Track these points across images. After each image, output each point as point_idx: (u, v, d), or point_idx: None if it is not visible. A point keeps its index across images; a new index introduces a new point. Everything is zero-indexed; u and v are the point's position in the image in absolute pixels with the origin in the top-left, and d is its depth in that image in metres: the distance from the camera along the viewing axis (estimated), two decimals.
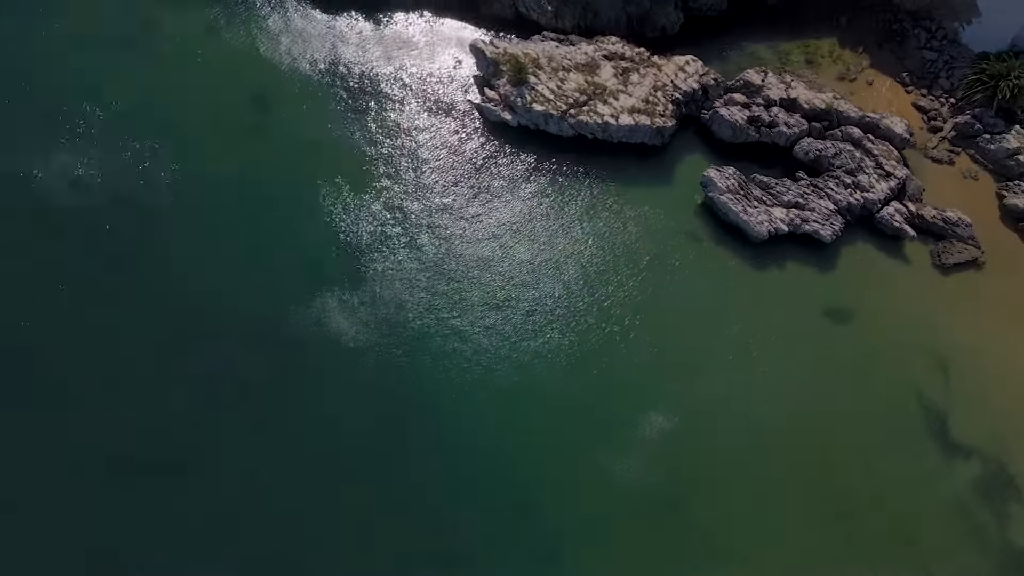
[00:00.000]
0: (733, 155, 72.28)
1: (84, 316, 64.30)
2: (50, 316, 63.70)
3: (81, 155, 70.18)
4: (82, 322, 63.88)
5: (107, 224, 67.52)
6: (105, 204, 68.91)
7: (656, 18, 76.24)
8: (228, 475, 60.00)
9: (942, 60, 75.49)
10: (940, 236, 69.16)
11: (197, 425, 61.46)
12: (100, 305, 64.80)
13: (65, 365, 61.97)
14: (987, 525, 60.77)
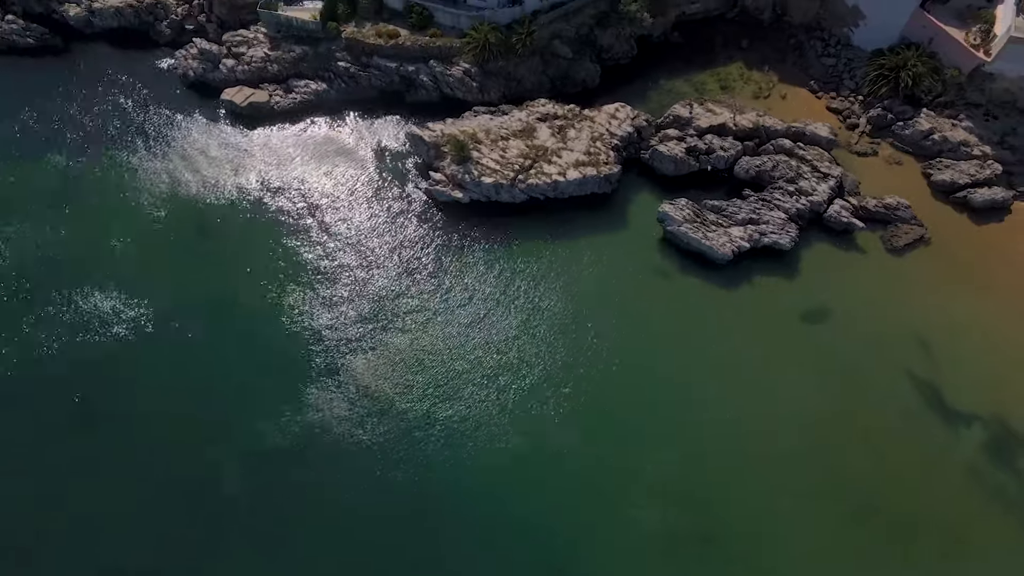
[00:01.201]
0: (679, 187, 75.02)
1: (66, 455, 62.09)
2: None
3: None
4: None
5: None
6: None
7: (576, 74, 79.44)
8: None
9: (841, 64, 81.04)
10: (885, 222, 73.01)
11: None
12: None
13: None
14: (1006, 484, 62.96)
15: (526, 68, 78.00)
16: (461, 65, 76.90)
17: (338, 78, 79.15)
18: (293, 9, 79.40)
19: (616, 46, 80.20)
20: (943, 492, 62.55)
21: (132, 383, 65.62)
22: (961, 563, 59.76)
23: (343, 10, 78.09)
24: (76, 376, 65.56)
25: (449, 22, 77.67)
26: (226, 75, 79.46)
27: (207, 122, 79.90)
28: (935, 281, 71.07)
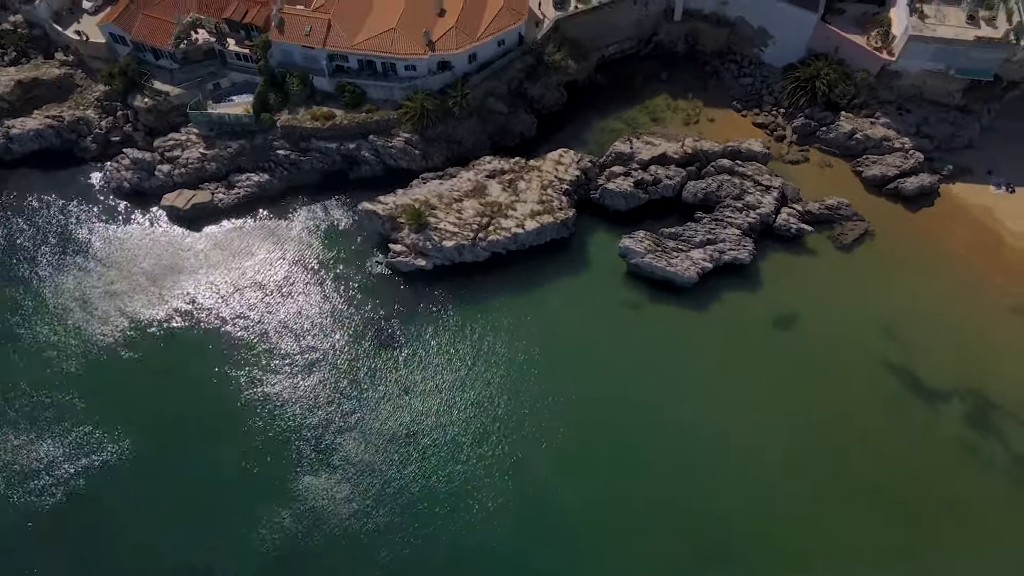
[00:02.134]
0: (633, 220, 76.90)
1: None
2: None
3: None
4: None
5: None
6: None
7: (513, 127, 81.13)
8: None
9: (759, 82, 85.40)
10: (830, 222, 76.49)
11: None
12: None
13: None
14: (993, 451, 65.71)
15: (465, 129, 79.25)
16: (401, 135, 77.57)
17: (279, 166, 78.58)
18: (223, 106, 78.76)
19: (547, 95, 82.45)
20: (942, 470, 64.87)
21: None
22: (971, 531, 62.10)
23: (275, 99, 77.91)
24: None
25: (382, 95, 78.45)
26: (163, 180, 77.88)
27: (150, 230, 77.93)
28: (887, 270, 74.55)
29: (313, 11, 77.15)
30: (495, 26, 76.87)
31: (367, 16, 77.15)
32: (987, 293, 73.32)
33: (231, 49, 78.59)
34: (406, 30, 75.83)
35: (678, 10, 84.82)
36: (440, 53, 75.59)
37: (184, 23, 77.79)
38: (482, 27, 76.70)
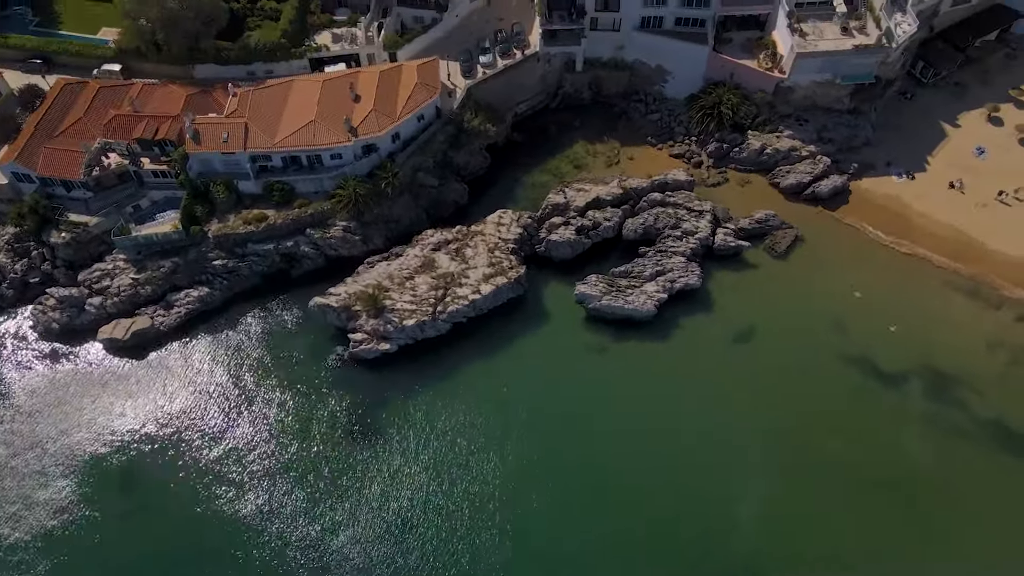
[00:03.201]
0: (580, 266, 78.63)
1: None
2: None
3: None
4: None
5: None
6: None
7: (446, 197, 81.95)
8: None
9: (666, 116, 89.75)
10: (763, 234, 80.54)
11: None
12: None
13: None
14: (959, 420, 69.73)
15: (400, 207, 79.44)
16: (339, 224, 76.93)
17: (218, 277, 76.20)
18: (149, 226, 76.01)
19: (472, 161, 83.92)
20: (920, 445, 68.21)
21: None
22: (961, 496, 65.53)
23: (202, 211, 75.94)
24: None
25: (312, 188, 77.80)
26: (96, 314, 74.13)
27: (91, 368, 73.71)
28: (823, 269, 78.87)
29: (227, 117, 76.20)
30: (412, 103, 78.03)
31: (283, 113, 76.83)
32: (916, 272, 78.72)
33: (147, 168, 76.30)
34: (326, 120, 75.87)
35: (579, 61, 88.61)
36: (364, 138, 75.89)
37: (93, 150, 75.11)
38: (400, 106, 77.70)
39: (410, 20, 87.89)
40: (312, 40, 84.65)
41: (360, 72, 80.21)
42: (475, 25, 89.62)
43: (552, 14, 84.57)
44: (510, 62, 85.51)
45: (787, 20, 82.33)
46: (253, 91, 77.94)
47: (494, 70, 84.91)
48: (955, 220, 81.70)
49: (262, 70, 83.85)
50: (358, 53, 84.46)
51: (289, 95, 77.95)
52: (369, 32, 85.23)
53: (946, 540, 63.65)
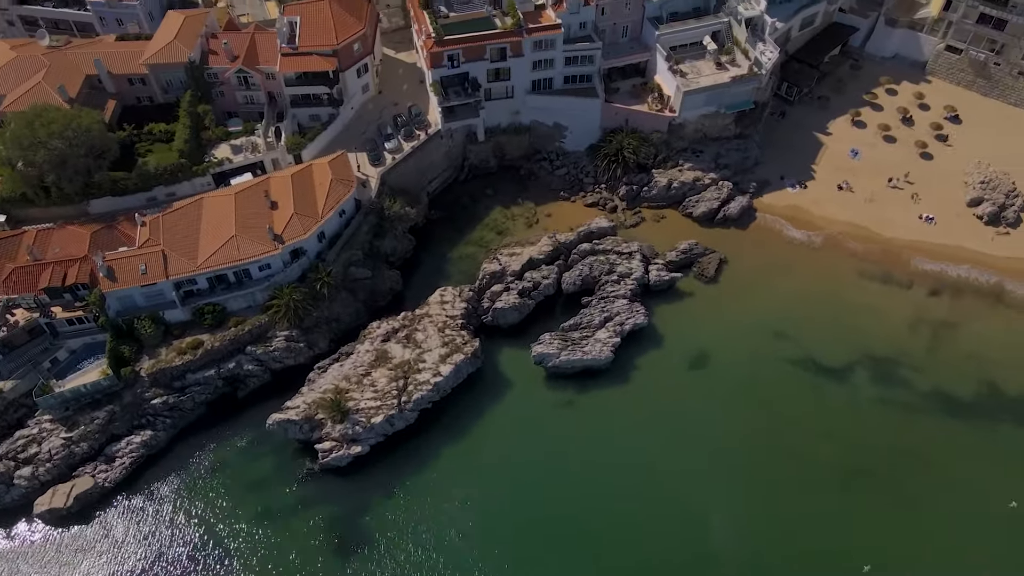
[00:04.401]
0: (528, 328, 79.33)
1: None
2: None
3: None
4: None
5: None
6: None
7: (382, 286, 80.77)
8: None
9: (572, 169, 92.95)
10: (690, 263, 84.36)
11: None
12: None
13: None
14: (907, 397, 74.79)
15: (339, 305, 77.63)
16: (279, 335, 74.13)
17: (159, 417, 71.23)
18: (72, 378, 70.23)
19: (398, 246, 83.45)
20: (877, 429, 72.56)
21: None
22: (927, 467, 69.99)
23: (129, 351, 71.18)
24: None
25: (244, 303, 74.79)
26: (28, 486, 67.31)
27: (33, 547, 66.39)
28: (751, 284, 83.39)
29: (141, 248, 72.38)
30: (332, 200, 77.09)
31: (200, 233, 73.88)
32: (833, 270, 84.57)
33: (60, 317, 70.86)
34: (247, 232, 73.56)
35: (480, 132, 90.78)
36: (290, 243, 74.02)
37: None
38: (320, 205, 76.56)
39: (306, 119, 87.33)
40: (211, 155, 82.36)
41: (271, 178, 78.60)
42: (371, 114, 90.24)
43: (448, 92, 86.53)
44: (416, 143, 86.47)
45: (667, 64, 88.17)
46: (163, 216, 74.58)
47: (402, 154, 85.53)
48: (852, 217, 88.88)
49: (163, 194, 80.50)
50: (262, 160, 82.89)
51: (202, 214, 75.12)
52: (268, 138, 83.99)
53: (931, 507, 67.54)
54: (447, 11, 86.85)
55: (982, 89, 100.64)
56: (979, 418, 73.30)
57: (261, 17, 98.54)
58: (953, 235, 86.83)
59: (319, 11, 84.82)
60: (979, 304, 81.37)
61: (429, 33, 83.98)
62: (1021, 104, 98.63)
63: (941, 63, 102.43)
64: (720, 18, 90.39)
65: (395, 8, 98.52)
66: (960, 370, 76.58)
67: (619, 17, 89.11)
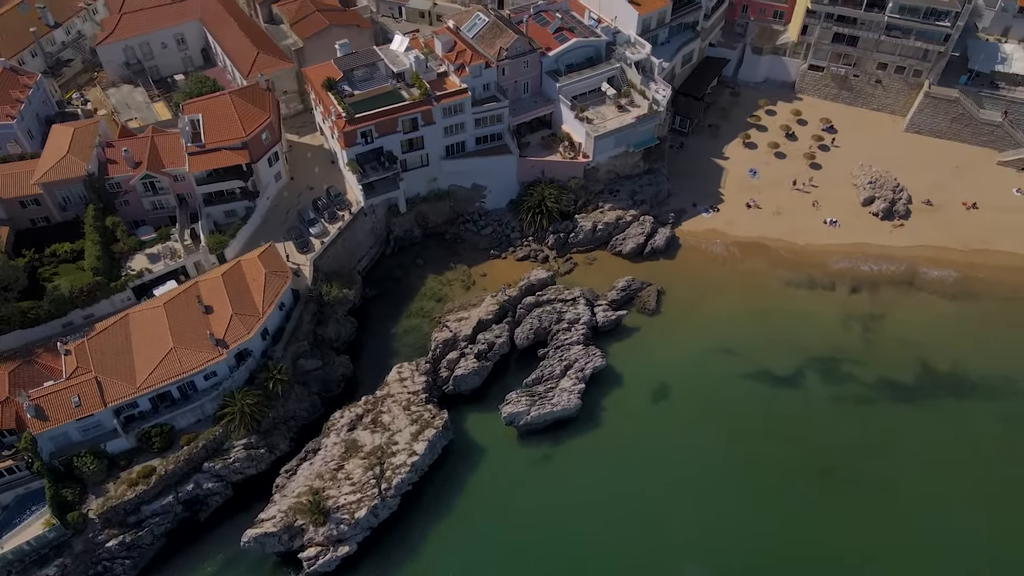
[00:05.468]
0: (490, 388, 78.68)
1: None
2: None
3: None
4: None
5: None
6: None
7: (334, 374, 77.72)
8: None
9: (497, 226, 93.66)
10: (631, 300, 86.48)
11: None
12: None
13: None
14: (858, 392, 79.05)
15: (294, 402, 74.03)
16: (237, 444, 69.66)
17: (117, 560, 64.76)
18: (10, 537, 62.41)
19: (342, 330, 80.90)
20: (838, 426, 76.17)
21: None
22: (891, 453, 73.81)
23: (73, 493, 64.60)
24: None
25: (194, 418, 70.03)
26: None
27: None
28: (691, 309, 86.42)
29: (70, 379, 66.50)
30: (270, 294, 74.01)
31: (133, 352, 68.91)
32: (761, 284, 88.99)
33: None
34: (186, 343, 69.26)
35: (402, 204, 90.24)
36: (235, 346, 70.24)
37: None
38: (259, 301, 73.29)
39: (222, 217, 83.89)
40: (128, 268, 77.47)
41: (199, 282, 74.58)
42: (288, 201, 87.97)
43: (365, 168, 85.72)
44: (342, 225, 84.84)
45: (572, 113, 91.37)
46: (88, 341, 69.10)
47: (329, 237, 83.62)
48: (766, 231, 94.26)
49: (80, 317, 74.73)
50: (184, 265, 78.73)
51: (131, 331, 70.14)
52: (186, 241, 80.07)
53: (901, 490, 71.00)
54: (351, 90, 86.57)
55: (847, 100, 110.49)
56: (922, 398, 78.54)
57: (151, 120, 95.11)
58: (857, 234, 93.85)
59: (222, 106, 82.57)
60: (896, 293, 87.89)
61: (339, 113, 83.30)
62: (883, 109, 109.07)
63: (808, 81, 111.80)
64: (612, 65, 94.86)
65: (292, 94, 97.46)
66: (894, 356, 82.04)
67: (519, 75, 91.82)
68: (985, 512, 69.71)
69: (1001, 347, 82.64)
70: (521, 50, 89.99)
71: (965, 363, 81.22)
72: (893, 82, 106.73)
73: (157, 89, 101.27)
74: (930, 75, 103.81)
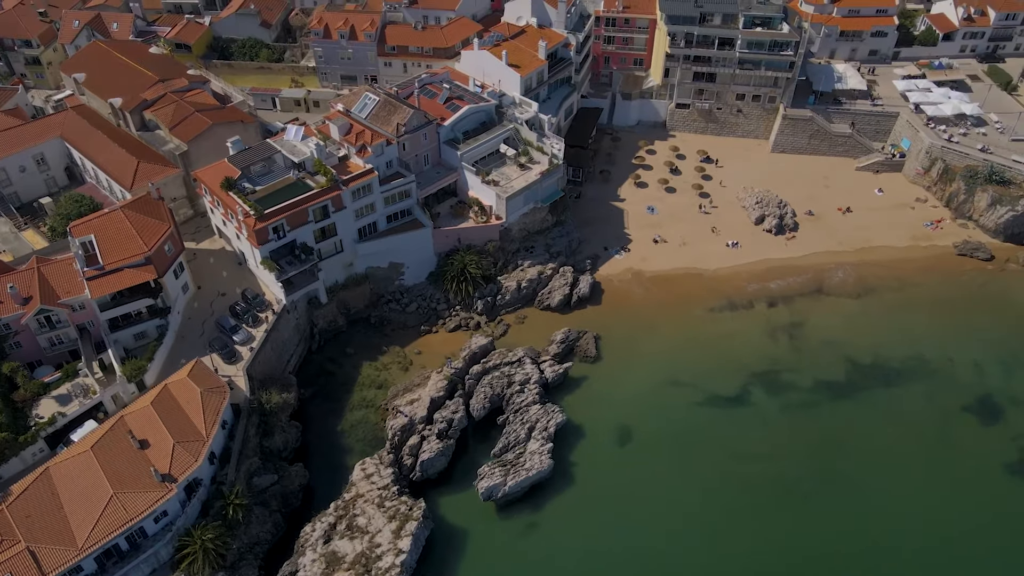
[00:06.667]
0: (455, 467, 76.05)
1: None
2: None
3: None
4: None
5: None
6: None
7: (291, 485, 71.84)
8: None
9: (421, 301, 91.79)
10: (571, 350, 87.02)
11: None
12: None
13: None
14: (802, 399, 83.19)
15: (257, 525, 67.58)
16: None
17: None
18: None
19: (288, 438, 75.47)
20: (793, 436, 79.45)
21: None
22: (851, 451, 77.93)
23: None
24: None
25: (148, 568, 62.13)
26: None
27: None
28: (628, 349, 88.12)
29: None
30: (211, 414, 68.07)
31: (66, 510, 60.69)
32: (687, 313, 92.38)
33: None
34: (127, 485, 61.98)
35: (322, 294, 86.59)
36: (184, 476, 63.64)
37: None
38: (201, 424, 67.15)
39: (131, 341, 76.87)
40: (35, 417, 68.78)
41: (126, 416, 67.20)
42: (201, 312, 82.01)
43: (281, 264, 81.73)
44: (267, 327, 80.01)
45: (478, 178, 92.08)
46: (7, 508, 60.14)
47: (257, 342, 78.55)
48: (677, 263, 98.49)
49: None
50: (101, 401, 70.99)
51: (57, 487, 61.88)
52: (97, 374, 72.47)
53: (868, 485, 74.75)
54: (252, 186, 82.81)
55: (715, 131, 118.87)
56: (857, 391, 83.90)
57: (23, 251, 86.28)
58: (758, 251, 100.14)
59: (116, 222, 76.41)
60: (808, 301, 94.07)
61: (246, 212, 79.29)
62: (748, 135, 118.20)
63: (677, 119, 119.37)
64: (507, 126, 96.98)
65: (181, 200, 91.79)
66: (822, 358, 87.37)
67: (419, 148, 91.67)
68: (939, 489, 74.64)
69: (907, 331, 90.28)
70: (419, 123, 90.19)
71: (883, 352, 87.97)
72: (753, 110, 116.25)
73: (22, 217, 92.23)
74: (783, 100, 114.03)
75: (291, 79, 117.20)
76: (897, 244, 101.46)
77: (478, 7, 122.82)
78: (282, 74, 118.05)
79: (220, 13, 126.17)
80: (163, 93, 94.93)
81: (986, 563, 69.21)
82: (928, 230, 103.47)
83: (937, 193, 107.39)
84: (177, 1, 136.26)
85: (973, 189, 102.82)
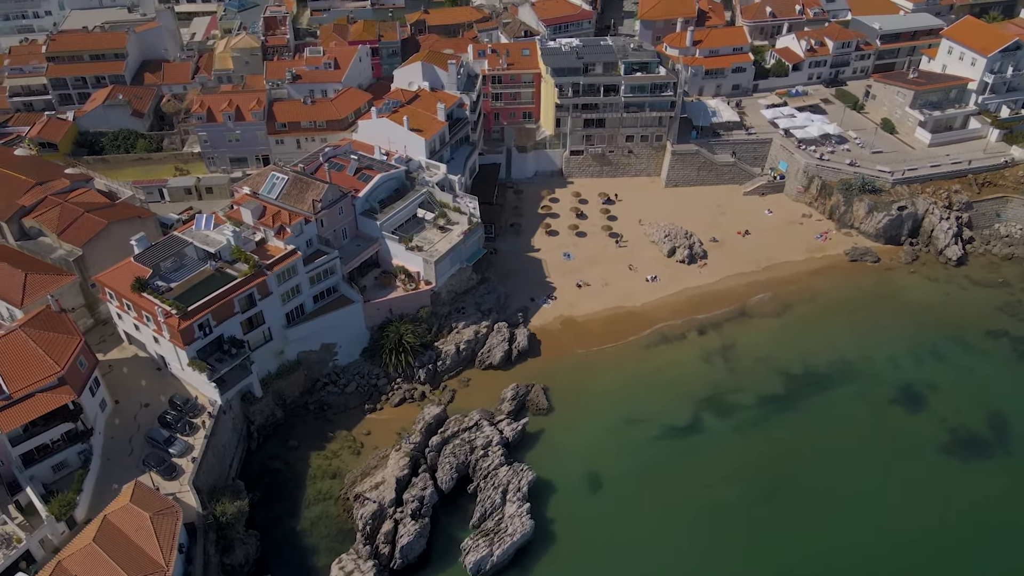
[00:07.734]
0: (434, 545, 72.53)
1: None
2: None
3: None
4: None
5: None
6: None
7: None
8: None
9: (361, 380, 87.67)
10: (523, 406, 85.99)
11: None
12: None
13: None
14: (749, 417, 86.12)
15: None
16: None
17: None
18: None
19: (249, 549, 69.17)
20: (751, 454, 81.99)
21: None
22: (809, 461, 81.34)
23: None
24: None
25: None
26: None
27: None
28: (580, 397, 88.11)
29: None
30: (165, 539, 60.85)
31: None
32: (624, 353, 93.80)
33: None
34: None
35: (256, 388, 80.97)
36: None
37: None
38: (157, 553, 59.84)
39: (49, 474, 68.08)
40: None
41: (63, 561, 58.62)
42: (125, 429, 74.19)
43: (211, 362, 75.75)
44: (207, 433, 73.47)
45: (401, 246, 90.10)
46: None
47: (197, 451, 71.84)
48: (604, 304, 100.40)
49: None
50: (28, 548, 61.91)
51: None
52: (17, 519, 63.36)
53: (829, 489, 78.13)
54: (166, 284, 76.72)
55: (610, 173, 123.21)
56: (797, 401, 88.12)
57: None
58: (676, 282, 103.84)
59: (17, 344, 68.08)
60: (733, 324, 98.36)
61: (167, 312, 73.14)
62: (641, 173, 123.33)
63: (572, 166, 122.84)
64: (419, 190, 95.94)
65: (79, 309, 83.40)
66: (759, 376, 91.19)
67: (337, 223, 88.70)
68: (888, 478, 79.50)
69: (827, 338, 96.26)
70: (335, 197, 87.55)
71: (811, 360, 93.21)
72: (643, 149, 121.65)
73: None
74: (669, 137, 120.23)
75: (175, 167, 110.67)
76: (796, 258, 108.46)
77: (362, 77, 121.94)
78: (164, 163, 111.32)
79: (83, 107, 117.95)
80: (43, 196, 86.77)
81: (940, 535, 74.23)
82: (819, 242, 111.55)
83: (819, 208, 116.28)
84: (26, 99, 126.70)
85: (851, 200, 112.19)
